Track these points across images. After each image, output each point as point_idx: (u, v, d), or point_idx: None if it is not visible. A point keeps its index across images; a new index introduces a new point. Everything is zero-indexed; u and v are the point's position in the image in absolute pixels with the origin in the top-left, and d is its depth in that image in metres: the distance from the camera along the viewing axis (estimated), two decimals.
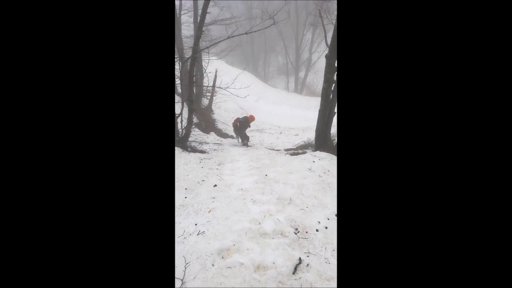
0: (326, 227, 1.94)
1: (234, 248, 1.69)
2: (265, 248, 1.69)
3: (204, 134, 6.83)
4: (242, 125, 5.88)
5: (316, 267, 1.55)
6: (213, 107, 9.32)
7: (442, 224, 0.86)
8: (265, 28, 4.69)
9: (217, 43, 4.58)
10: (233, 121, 6.30)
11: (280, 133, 8.86)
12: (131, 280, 0.91)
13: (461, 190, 0.85)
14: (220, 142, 6.36)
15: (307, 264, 1.56)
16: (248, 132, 6.17)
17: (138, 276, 0.92)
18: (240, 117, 6.25)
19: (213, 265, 1.54)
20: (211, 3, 4.65)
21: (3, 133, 0.86)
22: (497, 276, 0.80)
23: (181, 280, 1.43)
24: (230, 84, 4.25)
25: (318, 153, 3.78)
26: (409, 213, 0.89)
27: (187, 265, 1.54)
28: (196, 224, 1.99)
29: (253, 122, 6.04)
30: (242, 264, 1.54)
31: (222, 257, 1.62)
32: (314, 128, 4.54)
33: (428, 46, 0.91)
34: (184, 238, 1.82)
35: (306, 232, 1.87)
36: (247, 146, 5.88)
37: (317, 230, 1.90)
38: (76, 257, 0.89)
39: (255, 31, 4.33)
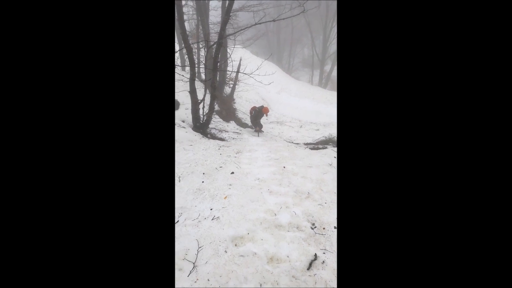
0: None
1: (248, 236, 1.65)
2: (279, 240, 1.64)
3: (224, 122, 6.84)
4: (256, 114, 6.23)
5: (332, 265, 1.48)
6: (235, 96, 9.29)
7: (445, 226, 0.83)
8: (294, 16, 4.51)
9: (244, 29, 4.48)
10: (250, 108, 6.70)
11: (301, 126, 8.68)
12: (130, 272, 0.88)
13: (462, 185, 0.82)
14: (240, 131, 6.34)
15: (323, 261, 1.49)
16: (268, 123, 6.35)
17: (137, 269, 0.89)
18: (257, 106, 6.53)
19: (225, 251, 1.52)
20: None
21: (3, 133, 0.84)
22: (497, 277, 0.77)
23: (193, 263, 1.42)
24: (255, 71, 4.17)
25: None
26: (410, 213, 0.86)
27: (199, 249, 1.52)
28: (211, 209, 1.97)
29: (266, 114, 6.29)
30: (255, 254, 1.50)
31: (236, 245, 1.59)
32: (337, 124, 4.37)
33: (429, 46, 0.86)
34: (199, 221, 1.81)
35: (324, 228, 1.80)
36: (260, 132, 6.21)
37: (335, 227, 1.81)
38: (76, 246, 0.87)
39: (283, 19, 4.17)
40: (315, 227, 1.81)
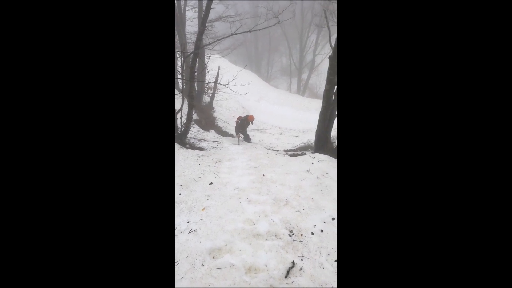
0: (322, 231, 1.88)
1: (225, 248, 1.64)
2: (258, 250, 1.64)
3: (204, 131, 6.77)
4: (242, 123, 6.31)
5: (309, 271, 1.50)
6: (214, 104, 9.26)
7: (443, 229, 0.84)
8: (269, 26, 4.64)
9: (220, 39, 4.53)
10: (235, 119, 6.77)
11: (280, 133, 8.80)
12: (131, 277, 0.88)
13: (459, 189, 0.84)
14: (220, 140, 6.30)
15: (300, 268, 1.51)
16: (248, 131, 6.51)
17: (138, 272, 0.89)
18: (242, 116, 6.63)
19: (202, 265, 1.49)
20: (216, 1, 4.61)
21: (3, 133, 0.83)
22: (497, 277, 0.79)
23: None
24: (231, 81, 4.20)
25: (317, 155, 3.73)
26: (409, 217, 0.87)
27: (175, 263, 1.48)
28: (188, 222, 1.94)
29: (252, 121, 6.49)
30: (233, 265, 1.49)
31: (213, 257, 1.57)
32: (315, 130, 4.48)
33: (429, 48, 0.88)
34: (175, 235, 1.77)
35: (301, 235, 1.82)
36: (240, 140, 6.27)
37: (312, 233, 1.84)
38: (75, 246, 0.87)
39: (259, 30, 4.27)
40: (293, 234, 1.83)
